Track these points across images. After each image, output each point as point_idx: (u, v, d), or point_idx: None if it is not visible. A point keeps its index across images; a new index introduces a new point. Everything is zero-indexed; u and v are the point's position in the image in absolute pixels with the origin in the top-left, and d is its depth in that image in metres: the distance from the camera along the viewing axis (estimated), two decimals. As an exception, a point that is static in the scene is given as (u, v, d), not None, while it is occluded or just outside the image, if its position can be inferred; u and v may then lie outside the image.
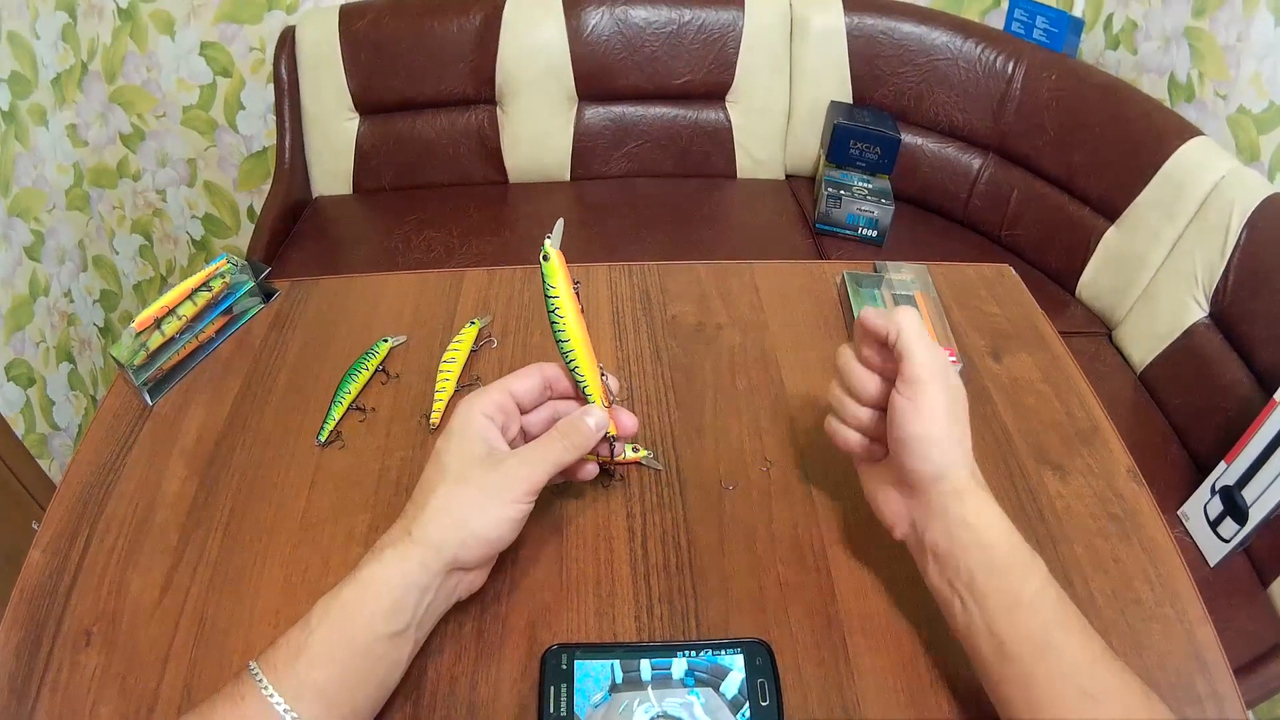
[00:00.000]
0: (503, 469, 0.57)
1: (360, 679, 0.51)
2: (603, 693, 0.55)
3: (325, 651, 0.50)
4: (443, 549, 0.54)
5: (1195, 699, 0.60)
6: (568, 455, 0.60)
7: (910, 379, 0.57)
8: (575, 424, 0.61)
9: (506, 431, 0.61)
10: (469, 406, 0.59)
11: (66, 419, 1.93)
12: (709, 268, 0.96)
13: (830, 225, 2.01)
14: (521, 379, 0.63)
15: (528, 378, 0.63)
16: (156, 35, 2.08)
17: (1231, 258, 1.48)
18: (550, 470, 0.59)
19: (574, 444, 0.60)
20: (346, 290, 0.92)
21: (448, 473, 0.57)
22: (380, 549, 0.54)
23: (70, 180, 2.02)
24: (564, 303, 0.63)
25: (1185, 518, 1.39)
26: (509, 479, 0.57)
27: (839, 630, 0.62)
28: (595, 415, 0.62)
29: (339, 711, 0.50)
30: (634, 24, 2.01)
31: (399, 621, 0.52)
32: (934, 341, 0.59)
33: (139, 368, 0.77)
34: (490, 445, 0.59)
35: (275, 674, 0.49)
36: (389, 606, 0.52)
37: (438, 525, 0.55)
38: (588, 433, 0.61)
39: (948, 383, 0.58)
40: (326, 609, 0.51)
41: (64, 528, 0.69)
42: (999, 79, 1.94)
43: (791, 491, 0.72)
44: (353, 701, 0.51)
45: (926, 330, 0.60)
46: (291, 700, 0.48)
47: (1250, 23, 1.58)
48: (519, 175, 2.15)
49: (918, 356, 0.57)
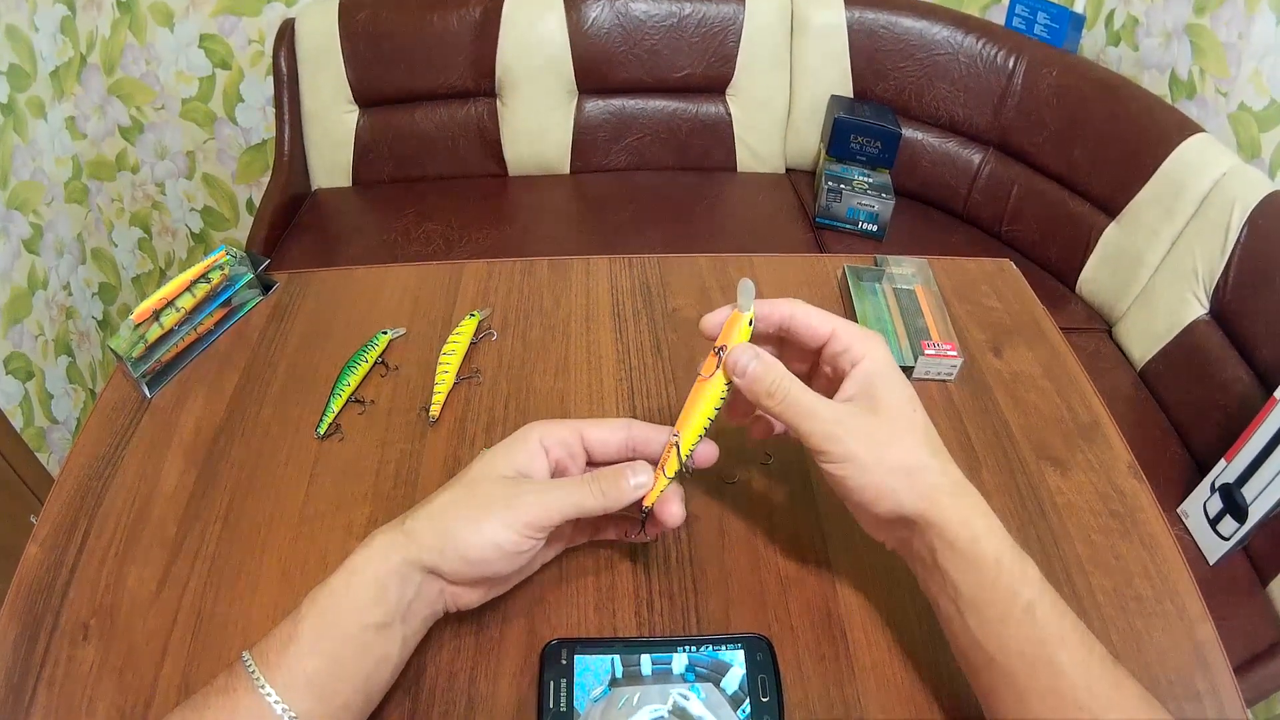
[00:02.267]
0: (514, 492, 0.54)
1: (349, 670, 0.50)
2: (602, 687, 0.55)
3: (313, 641, 0.49)
4: (424, 552, 0.52)
5: (1194, 696, 0.60)
6: (590, 501, 0.55)
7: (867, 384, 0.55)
8: (612, 474, 0.56)
9: (564, 472, 0.58)
10: (531, 429, 0.57)
11: (65, 412, 1.93)
12: (710, 260, 0.95)
13: (830, 219, 2.01)
14: (601, 427, 0.59)
15: (609, 429, 0.59)
16: (155, 28, 2.08)
17: (1232, 255, 1.48)
18: (565, 511, 0.54)
19: (602, 491, 0.55)
20: (346, 282, 0.92)
21: (465, 478, 0.55)
22: (373, 536, 0.53)
23: (69, 173, 2.01)
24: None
25: (1185, 515, 1.39)
26: (515, 504, 0.53)
27: (839, 625, 0.62)
28: (640, 475, 0.56)
29: (329, 704, 0.49)
30: (634, 17, 2.01)
31: (381, 612, 0.51)
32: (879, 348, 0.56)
33: (137, 360, 0.77)
34: (527, 471, 0.56)
35: (267, 665, 0.49)
36: (373, 595, 0.51)
37: (428, 526, 0.53)
38: (623, 487, 0.56)
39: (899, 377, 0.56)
40: (314, 597, 0.51)
41: (62, 521, 0.68)
42: (1000, 74, 1.94)
43: (792, 486, 0.72)
44: (343, 695, 0.50)
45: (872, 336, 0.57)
46: (283, 691, 0.48)
47: (1251, 20, 1.58)
48: (518, 168, 2.14)
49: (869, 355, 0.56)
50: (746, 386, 0.57)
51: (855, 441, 0.53)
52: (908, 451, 0.54)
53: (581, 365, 0.82)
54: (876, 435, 0.54)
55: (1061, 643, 0.50)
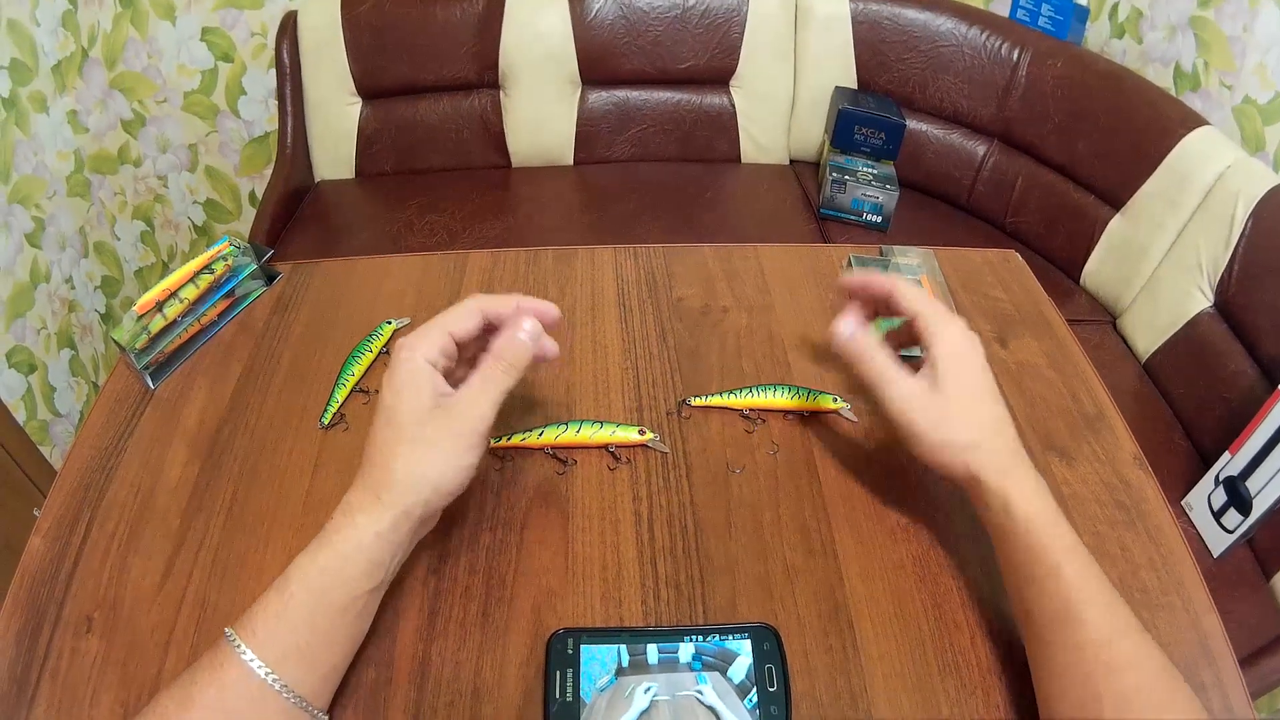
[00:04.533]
0: (453, 417, 0.56)
1: (340, 638, 0.53)
2: (609, 676, 0.55)
3: (306, 617, 0.51)
4: (412, 511, 0.55)
5: (1200, 687, 0.60)
6: (508, 377, 0.59)
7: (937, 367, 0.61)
8: (506, 342, 0.59)
9: (450, 375, 0.60)
10: (412, 355, 0.58)
11: (68, 405, 1.93)
12: (715, 250, 0.95)
13: (834, 210, 2.00)
14: (460, 319, 0.60)
15: (465, 315, 0.60)
16: (157, 21, 2.07)
17: (1236, 248, 1.48)
18: (496, 401, 0.58)
19: (509, 364, 0.59)
20: (349, 273, 0.92)
21: (404, 432, 0.56)
22: (352, 513, 0.54)
23: (71, 167, 2.01)
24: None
25: (1189, 508, 1.39)
26: (460, 427, 0.56)
27: (846, 615, 0.62)
28: (524, 324, 0.60)
29: (320, 670, 0.52)
30: (638, 8, 2.00)
31: (376, 579, 0.54)
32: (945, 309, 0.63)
33: (140, 351, 0.77)
34: (438, 394, 0.58)
35: (255, 640, 0.50)
36: (366, 568, 0.54)
37: (405, 489, 0.55)
38: (521, 345, 0.60)
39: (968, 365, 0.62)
40: (305, 574, 0.52)
41: (65, 514, 0.68)
42: (1004, 66, 1.93)
43: (798, 475, 0.71)
44: (333, 660, 0.53)
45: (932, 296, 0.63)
46: (275, 664, 0.49)
47: (1256, 13, 1.57)
48: (522, 159, 2.14)
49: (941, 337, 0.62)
50: (845, 348, 0.65)
51: (918, 415, 0.61)
52: (961, 430, 0.60)
53: (587, 355, 0.82)
54: (936, 413, 0.61)
55: (1087, 601, 0.53)
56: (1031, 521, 0.56)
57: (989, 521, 0.59)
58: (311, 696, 0.51)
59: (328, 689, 0.54)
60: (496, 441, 0.72)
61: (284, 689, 0.50)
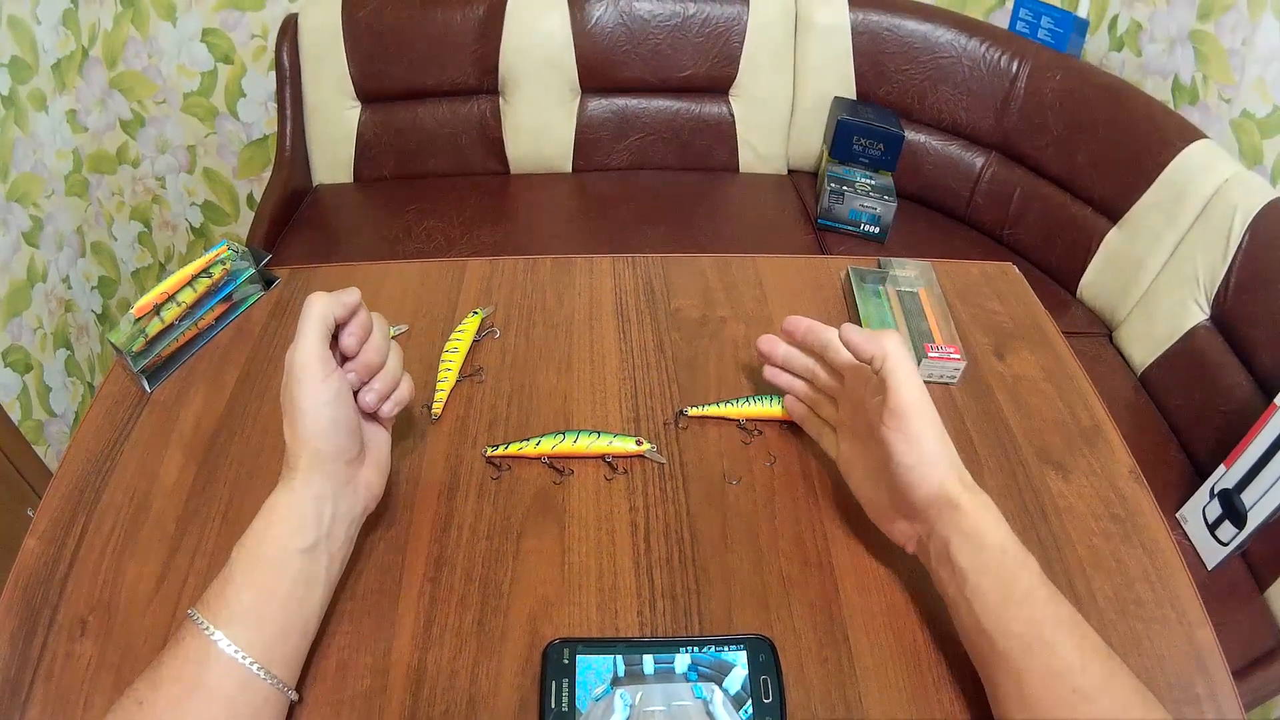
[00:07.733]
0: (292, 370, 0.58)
1: (282, 597, 0.54)
2: (604, 686, 0.55)
3: (245, 577, 0.54)
4: (311, 466, 0.57)
5: (1194, 700, 0.60)
6: (321, 302, 0.59)
7: (898, 411, 0.60)
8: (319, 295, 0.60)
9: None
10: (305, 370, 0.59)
11: (63, 406, 1.93)
12: (713, 261, 0.95)
13: (832, 221, 2.00)
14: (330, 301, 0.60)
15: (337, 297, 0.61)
16: (158, 21, 2.07)
17: (1233, 261, 1.48)
18: (318, 328, 0.58)
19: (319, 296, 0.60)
20: (348, 279, 0.91)
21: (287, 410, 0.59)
22: (280, 480, 0.58)
23: (69, 166, 2.01)
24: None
25: (1183, 520, 1.39)
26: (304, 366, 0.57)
27: (842, 627, 0.62)
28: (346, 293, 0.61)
29: (268, 629, 0.53)
30: (638, 16, 2.00)
31: (307, 537, 0.56)
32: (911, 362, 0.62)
33: (137, 354, 0.77)
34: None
35: (209, 610, 0.52)
36: (295, 526, 0.56)
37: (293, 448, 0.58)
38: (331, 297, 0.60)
39: (929, 405, 0.61)
40: (241, 543, 0.56)
41: (60, 515, 0.68)
42: (1003, 78, 1.93)
43: (795, 486, 0.71)
44: (277, 621, 0.54)
45: (908, 352, 0.62)
46: (224, 627, 0.51)
47: (1255, 27, 1.57)
48: (520, 166, 2.14)
49: (903, 389, 0.60)
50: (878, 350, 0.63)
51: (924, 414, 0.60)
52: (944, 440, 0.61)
53: (584, 364, 0.82)
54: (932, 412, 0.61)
55: (1058, 625, 0.53)
56: (1007, 545, 0.56)
57: (956, 548, 0.57)
58: (266, 660, 0.52)
59: (281, 655, 0.54)
60: (493, 450, 0.73)
61: (237, 652, 0.51)
